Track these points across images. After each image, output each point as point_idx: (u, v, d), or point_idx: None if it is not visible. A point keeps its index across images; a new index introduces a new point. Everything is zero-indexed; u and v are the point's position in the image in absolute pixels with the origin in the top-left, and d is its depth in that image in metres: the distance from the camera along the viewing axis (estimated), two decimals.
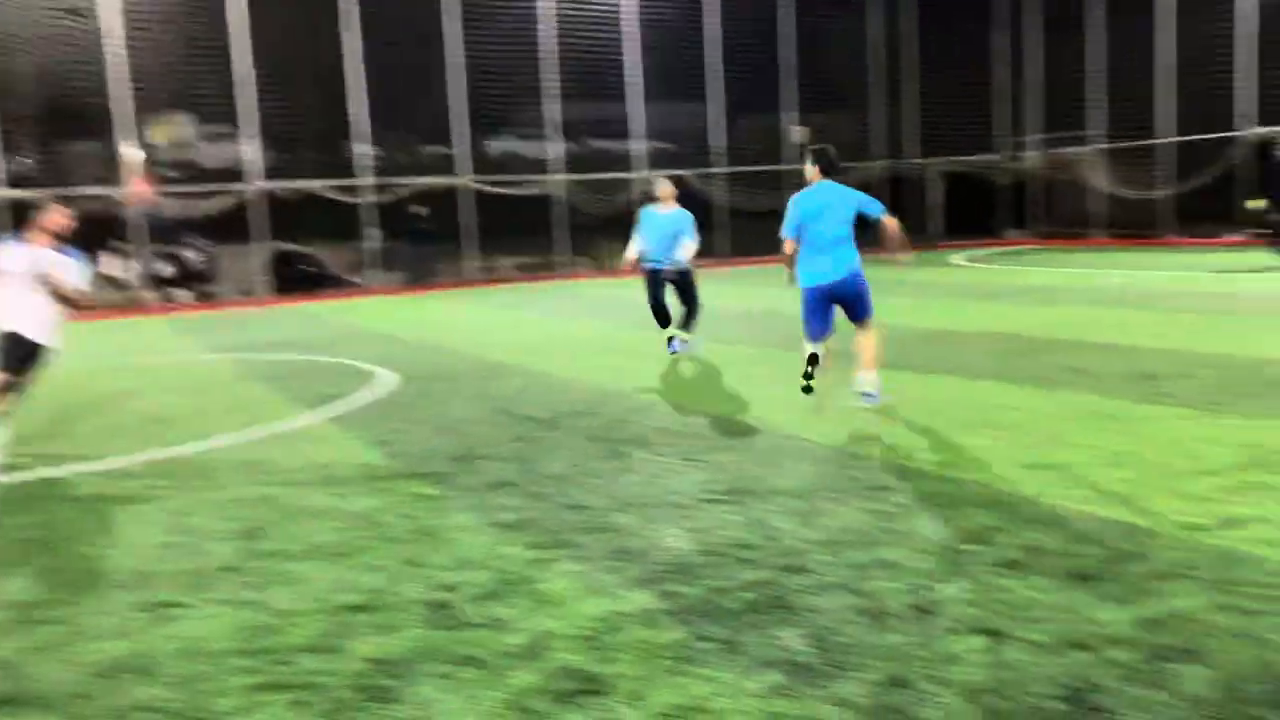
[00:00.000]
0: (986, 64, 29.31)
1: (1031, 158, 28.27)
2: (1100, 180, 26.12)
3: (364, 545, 4.67)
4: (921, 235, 30.07)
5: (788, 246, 7.11)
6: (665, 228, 10.09)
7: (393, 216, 23.57)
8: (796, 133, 23.95)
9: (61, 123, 21.28)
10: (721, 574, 4.01)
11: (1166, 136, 24.74)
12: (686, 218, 10.12)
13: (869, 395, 7.04)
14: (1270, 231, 16.42)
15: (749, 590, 3.83)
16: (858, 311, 7.15)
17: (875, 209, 7.23)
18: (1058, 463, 5.36)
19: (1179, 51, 24.51)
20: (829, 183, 7.20)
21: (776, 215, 9.78)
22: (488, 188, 24.43)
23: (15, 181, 20.45)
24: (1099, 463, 5.31)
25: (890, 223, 7.28)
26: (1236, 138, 23.24)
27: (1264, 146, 20.13)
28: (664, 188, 10.35)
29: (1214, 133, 23.59)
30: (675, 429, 6.77)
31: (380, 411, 8.08)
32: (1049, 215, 28.69)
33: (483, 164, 25.00)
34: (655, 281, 10.25)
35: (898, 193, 30.28)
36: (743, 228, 28.07)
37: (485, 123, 24.84)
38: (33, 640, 3.72)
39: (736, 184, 27.39)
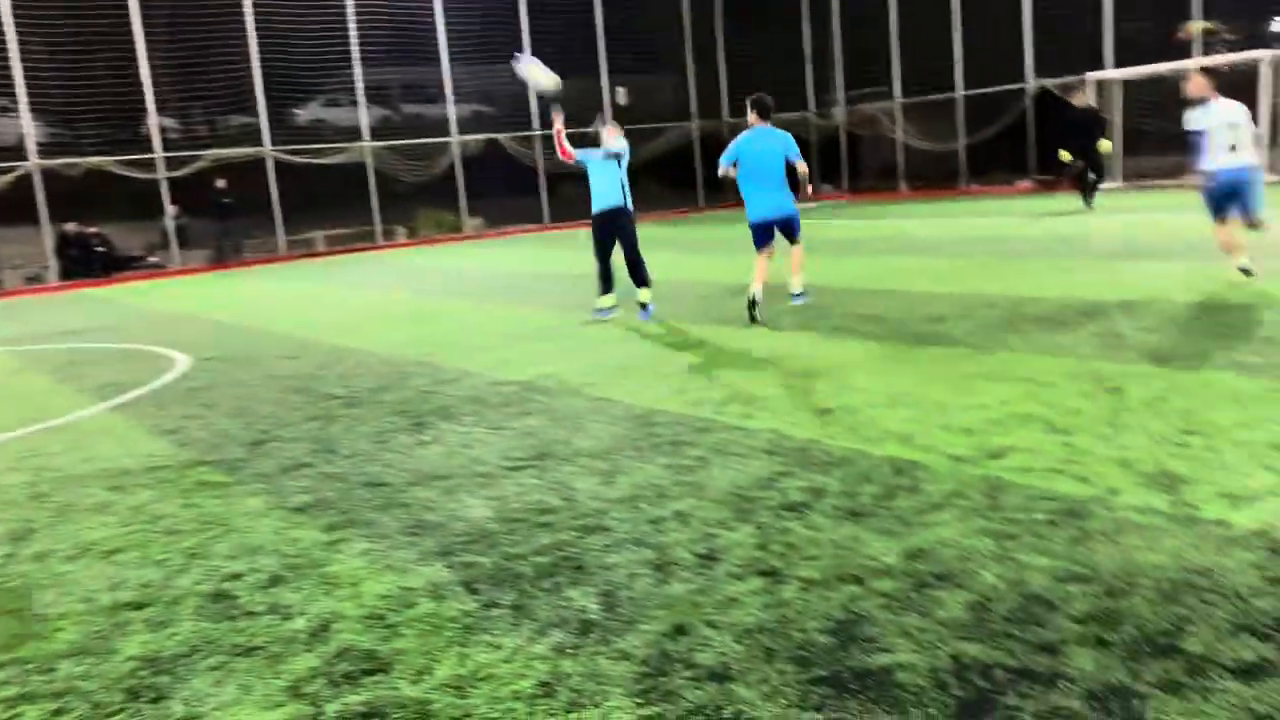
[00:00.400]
0: (796, 24, 30.02)
1: (839, 114, 29.23)
2: (902, 134, 27.25)
3: (143, 540, 4.42)
4: (737, 193, 30.76)
5: (730, 171, 9.00)
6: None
7: (193, 192, 22.27)
8: (621, 94, 23.93)
9: None
10: (518, 540, 4.00)
11: (960, 90, 25.99)
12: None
13: (799, 296, 9.07)
14: (1080, 180, 17.51)
15: (544, 554, 3.83)
16: (792, 235, 9.07)
17: (795, 153, 8.82)
18: (844, 405, 5.58)
19: (966, 8, 25.75)
20: (767, 127, 8.84)
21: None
22: (294, 158, 23.40)
23: None
24: (881, 403, 5.57)
25: (802, 167, 8.88)
26: (1024, 89, 24.66)
27: (1062, 98, 21.37)
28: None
29: (1003, 85, 24.96)
30: (481, 398, 6.70)
31: (172, 398, 7.66)
32: (858, 170, 29.75)
33: (290, 133, 23.93)
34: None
35: (713, 152, 30.83)
36: (561, 193, 28.00)
37: (289, 90, 23.73)
38: None
39: (552, 148, 27.17)
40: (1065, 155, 17.33)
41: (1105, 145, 17.82)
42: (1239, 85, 21.03)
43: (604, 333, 8.95)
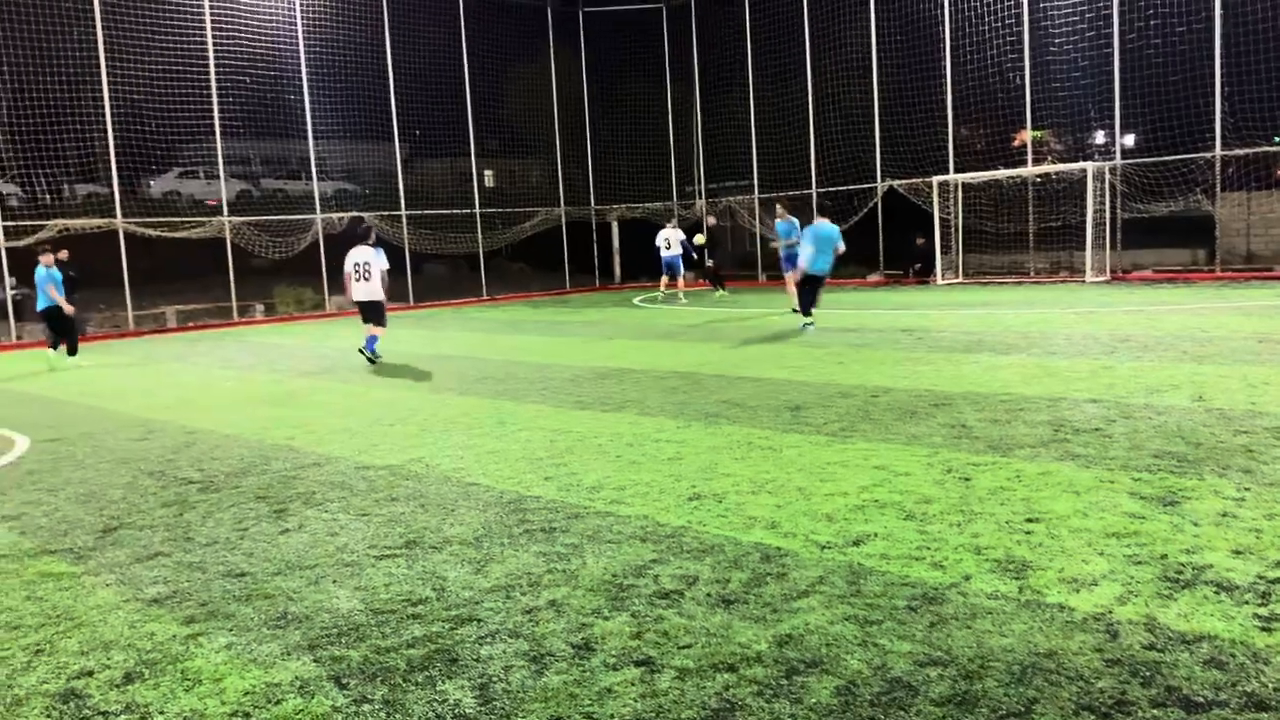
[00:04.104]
0: (661, 118, 31.08)
1: (700, 205, 30.20)
2: (758, 226, 28.34)
3: None
4: (602, 278, 31.29)
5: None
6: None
7: (34, 263, 21.11)
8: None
9: None
10: (388, 632, 3.93)
11: (814, 187, 27.30)
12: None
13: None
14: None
15: (415, 646, 3.78)
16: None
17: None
18: (712, 492, 5.73)
19: (818, 114, 27.24)
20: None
21: (463, 260, 9.82)
22: (147, 230, 22.60)
23: None
24: (748, 490, 5.74)
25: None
26: (874, 189, 26.08)
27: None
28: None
29: (855, 184, 26.36)
30: (346, 483, 6.57)
31: (9, 481, 7.23)
32: (718, 258, 30.68)
33: (143, 204, 23.14)
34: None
35: (580, 237, 31.39)
36: (432, 272, 27.97)
37: (144, 160, 22.99)
38: None
39: (424, 226, 27.20)
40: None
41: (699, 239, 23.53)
42: (1068, 193, 22.88)
43: (473, 416, 8.92)
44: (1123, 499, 5.17)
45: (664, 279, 23.33)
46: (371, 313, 13.72)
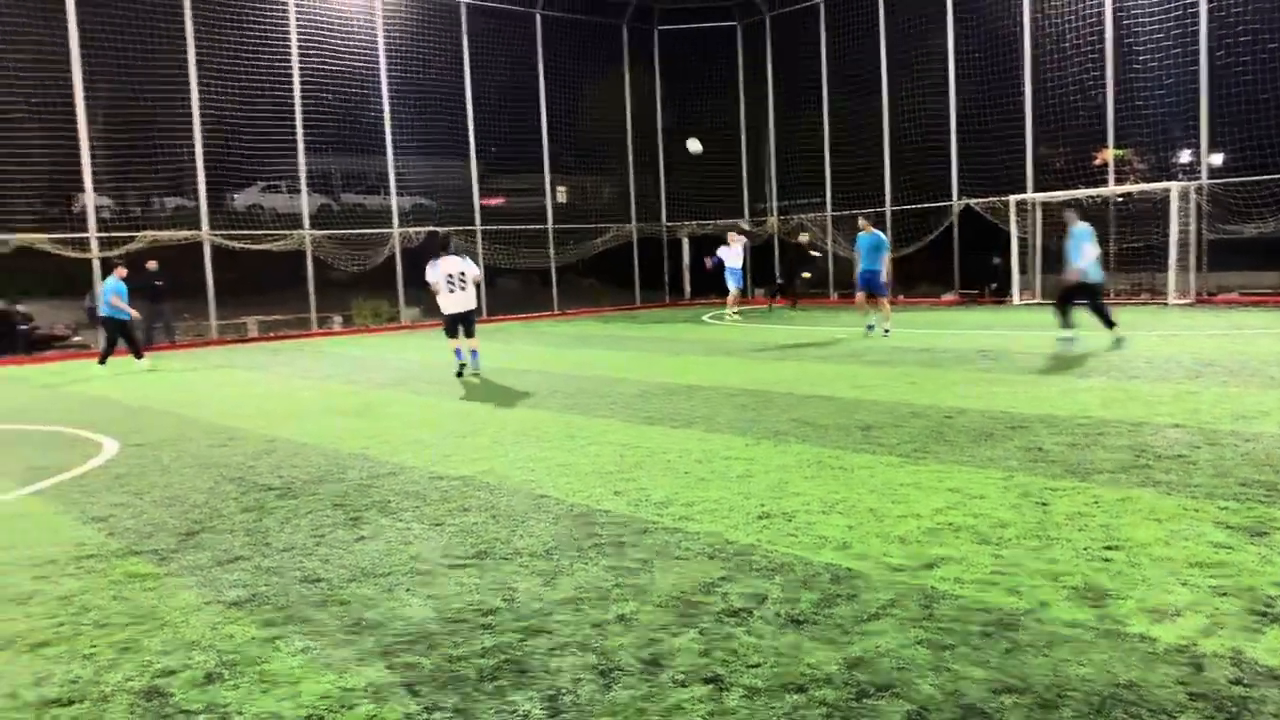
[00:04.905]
0: (734, 134, 31.12)
1: (772, 223, 30.10)
2: (831, 244, 28.14)
3: (71, 633, 4.30)
4: (672, 294, 31.35)
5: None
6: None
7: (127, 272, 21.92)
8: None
9: None
10: (461, 641, 3.98)
11: (890, 205, 27.04)
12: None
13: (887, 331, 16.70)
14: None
15: (487, 656, 3.82)
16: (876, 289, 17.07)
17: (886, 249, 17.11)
18: (782, 511, 5.69)
19: (894, 131, 27.02)
20: (876, 231, 17.16)
21: (535, 274, 9.95)
22: (231, 242, 23.28)
23: None
24: (818, 509, 5.69)
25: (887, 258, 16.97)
26: (949, 207, 25.75)
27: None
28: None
29: (929, 203, 26.06)
30: (420, 493, 6.68)
31: (99, 484, 7.48)
32: (790, 276, 30.54)
33: (228, 217, 23.85)
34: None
35: (650, 253, 31.53)
36: (504, 286, 28.34)
37: (231, 175, 23.72)
38: None
39: (498, 242, 27.58)
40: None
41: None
42: (1151, 213, 22.30)
43: (542, 429, 8.99)
44: (1207, 528, 5.02)
45: (731, 295, 23.28)
46: (466, 323, 13.59)
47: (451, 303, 13.46)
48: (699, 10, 30.83)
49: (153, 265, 21.56)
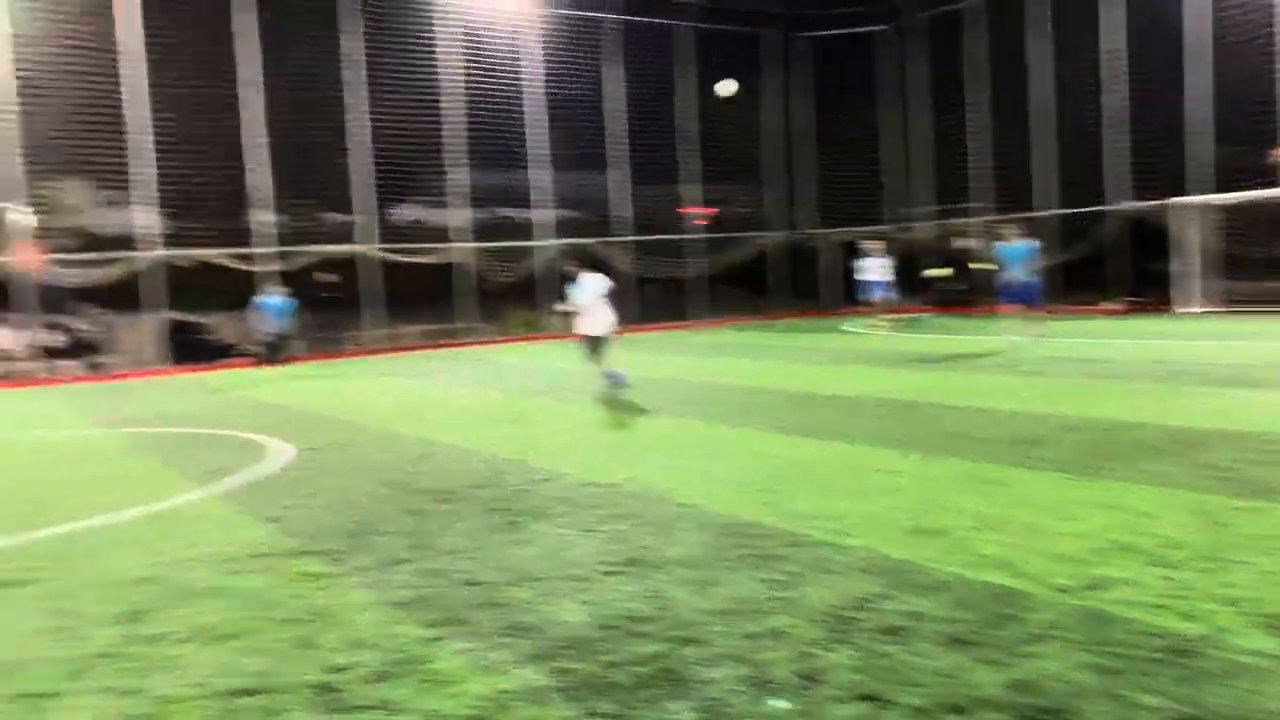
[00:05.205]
0: (876, 140, 30.59)
1: (920, 229, 29.39)
2: (981, 249, 27.27)
3: (252, 626, 4.57)
4: (816, 302, 30.99)
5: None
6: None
7: (293, 285, 23.23)
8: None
9: None
10: (615, 648, 4.05)
11: (1046, 209, 26.01)
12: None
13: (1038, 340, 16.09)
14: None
15: (642, 664, 3.87)
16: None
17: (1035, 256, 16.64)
18: (938, 528, 5.56)
19: (1049, 132, 25.99)
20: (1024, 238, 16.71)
21: (676, 284, 10.04)
22: (391, 255, 24.34)
23: None
24: (977, 527, 5.53)
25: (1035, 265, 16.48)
26: (1109, 212, 24.60)
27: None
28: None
29: (1089, 206, 24.95)
30: (573, 499, 6.81)
31: (272, 486, 7.93)
32: (942, 282, 29.75)
33: (386, 231, 24.93)
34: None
35: (790, 261, 31.27)
36: (642, 296, 28.57)
37: (389, 191, 24.82)
38: None
39: (637, 252, 27.91)
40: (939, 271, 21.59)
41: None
42: None
43: (686, 438, 9.04)
44: None
45: (875, 304, 22.81)
46: (602, 344, 13.15)
47: (599, 322, 13.15)
48: (840, 16, 30.43)
49: (321, 278, 22.80)
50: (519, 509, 6.62)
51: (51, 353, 20.96)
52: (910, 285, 29.05)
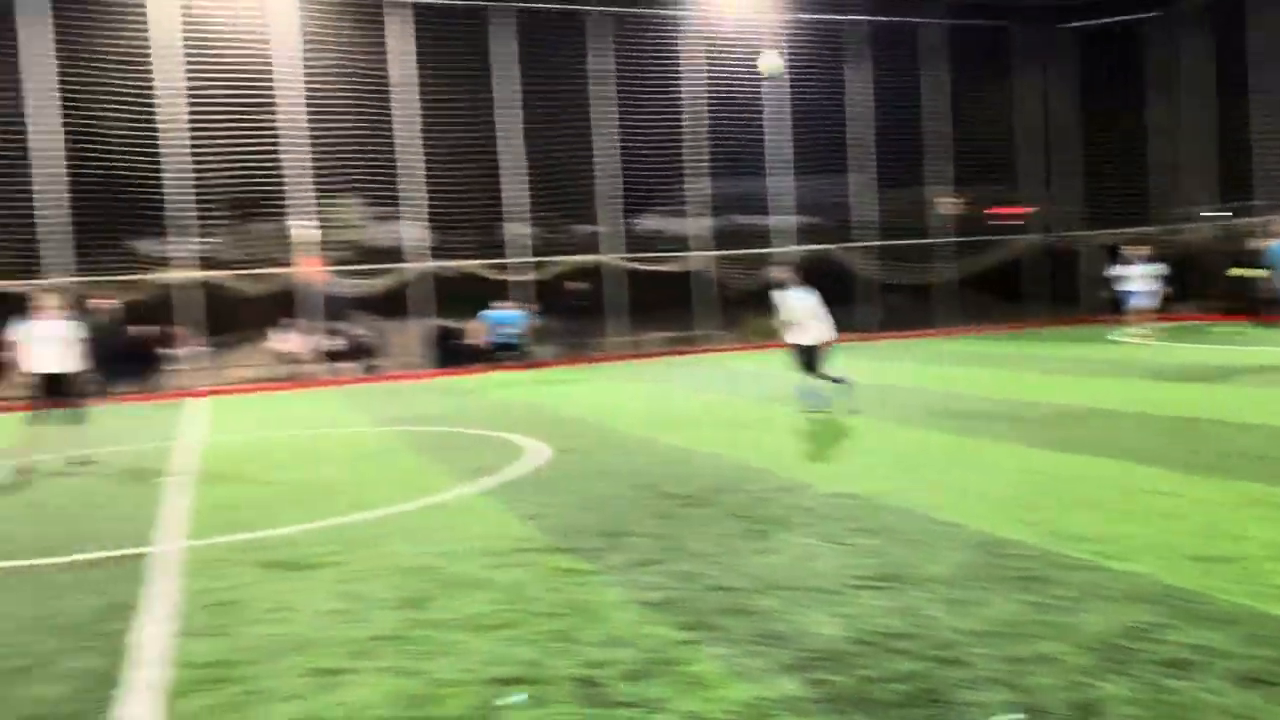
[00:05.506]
0: (1144, 136, 28.42)
1: (1194, 229, 27.02)
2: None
3: (516, 618, 4.82)
4: (1076, 309, 29.13)
5: None
6: None
7: (544, 294, 24.41)
8: (946, 205, 23.53)
9: (245, 207, 22.98)
10: (873, 663, 3.98)
11: None
12: None
13: None
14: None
15: (902, 681, 3.78)
16: None
17: None
18: (1226, 555, 5.09)
19: None
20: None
21: (919, 290, 9.75)
22: (634, 264, 25.07)
23: (207, 263, 22.25)
24: (1269, 556, 5.03)
25: None
26: None
27: None
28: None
29: None
30: (819, 509, 6.74)
31: (529, 484, 8.33)
32: (1213, 289, 27.27)
33: (629, 241, 25.68)
34: None
35: (1045, 265, 29.56)
36: (889, 303, 27.91)
37: (633, 201, 25.59)
38: (217, 699, 3.99)
39: (882, 258, 27.28)
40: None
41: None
42: None
43: (937, 450, 8.74)
44: None
45: (1137, 312, 21.09)
46: (816, 357, 12.06)
47: (802, 333, 12.10)
48: (1105, 4, 28.47)
49: (572, 285, 23.91)
50: (765, 517, 6.62)
51: (333, 356, 22.96)
52: (1183, 291, 26.85)
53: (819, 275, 13.82)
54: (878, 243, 27.48)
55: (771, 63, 19.12)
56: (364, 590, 5.44)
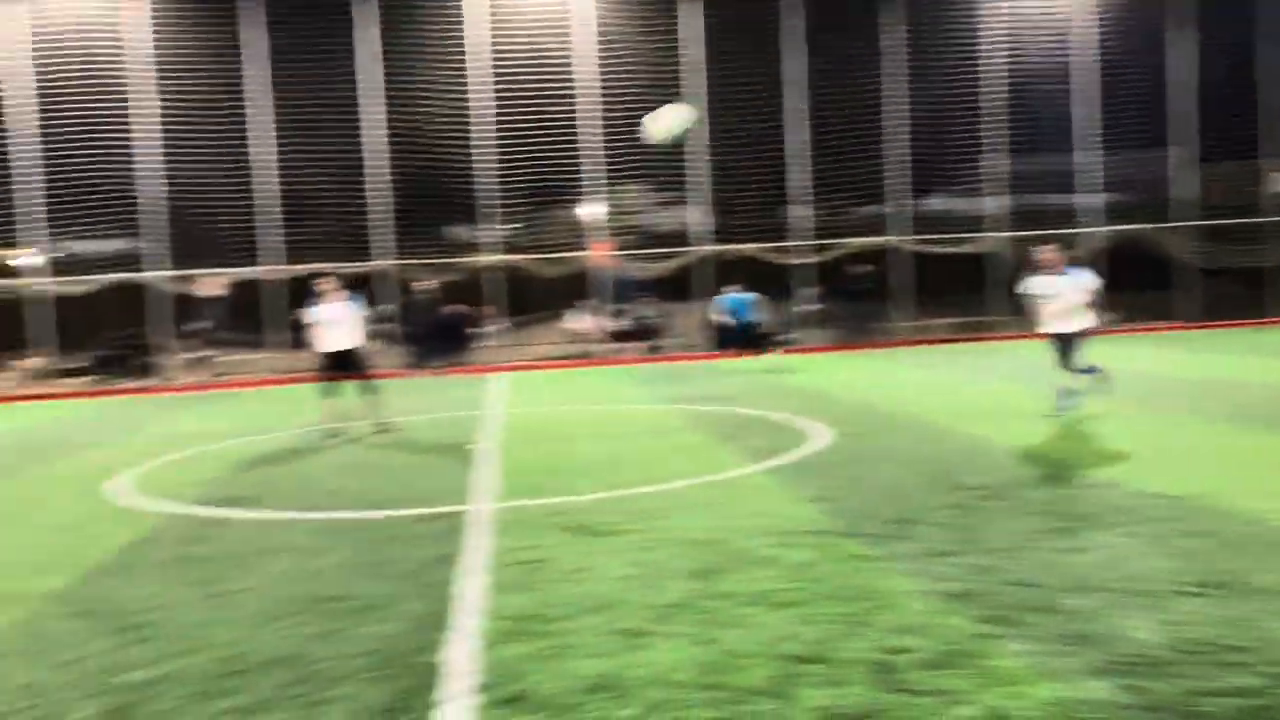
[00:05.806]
0: None
1: None
2: None
3: (805, 598, 4.82)
4: None
5: None
6: None
7: (826, 276, 24.18)
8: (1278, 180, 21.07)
9: (543, 195, 24.35)
10: (1200, 674, 3.66)
11: None
12: None
13: None
14: None
15: (1236, 696, 3.46)
16: None
17: None
18: None
19: None
20: None
21: (1250, 274, 8.77)
22: (920, 247, 24.25)
23: (508, 249, 23.82)
24: None
25: None
26: None
27: None
28: None
29: None
30: (1132, 508, 6.26)
31: (815, 468, 8.29)
32: None
33: (917, 222, 24.87)
34: None
35: None
36: (1211, 287, 25.36)
37: (921, 180, 24.75)
38: (530, 649, 4.29)
39: (1203, 239, 24.79)
40: None
41: None
42: None
43: (1273, 450, 7.86)
44: None
45: None
46: (1072, 346, 10.77)
47: (1059, 321, 10.78)
48: None
49: (856, 269, 23.53)
50: (1069, 513, 6.24)
51: (619, 336, 23.90)
52: None
53: (1129, 258, 12.79)
54: (1199, 222, 25.00)
55: (666, 123, 11.69)
56: (657, 559, 5.64)
